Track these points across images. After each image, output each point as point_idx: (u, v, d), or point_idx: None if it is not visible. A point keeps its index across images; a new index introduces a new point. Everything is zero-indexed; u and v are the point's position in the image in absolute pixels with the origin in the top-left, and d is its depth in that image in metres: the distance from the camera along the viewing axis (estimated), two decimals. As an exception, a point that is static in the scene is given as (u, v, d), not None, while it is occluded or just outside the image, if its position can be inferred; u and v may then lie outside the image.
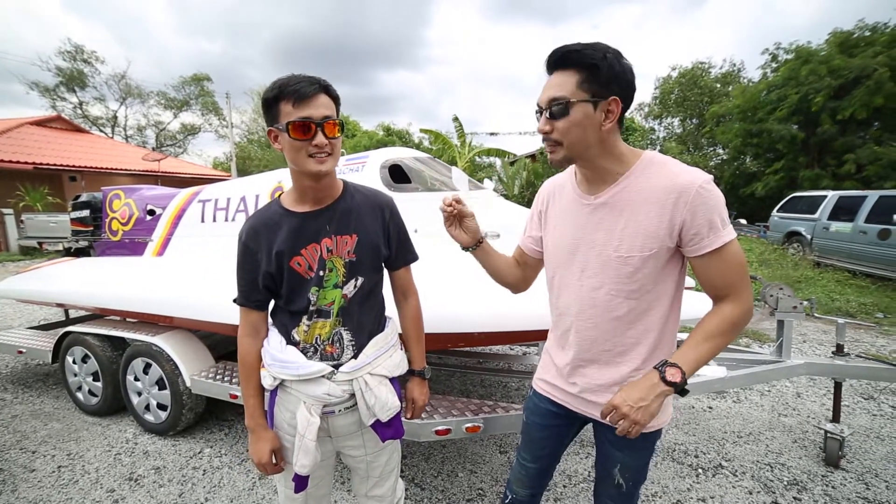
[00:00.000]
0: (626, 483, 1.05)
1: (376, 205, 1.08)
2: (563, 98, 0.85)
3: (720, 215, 0.84)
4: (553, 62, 0.88)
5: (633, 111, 20.39)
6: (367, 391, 1.01)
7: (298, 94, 0.89)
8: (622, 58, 0.86)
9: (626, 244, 0.89)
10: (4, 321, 4.91)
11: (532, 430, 1.17)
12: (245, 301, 1.05)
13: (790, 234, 8.14)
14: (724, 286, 0.88)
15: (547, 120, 0.88)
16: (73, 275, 2.85)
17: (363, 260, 1.03)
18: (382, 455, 1.14)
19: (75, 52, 22.60)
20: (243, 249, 1.02)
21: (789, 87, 11.30)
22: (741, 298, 0.87)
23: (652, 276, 0.90)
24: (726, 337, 0.87)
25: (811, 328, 4.49)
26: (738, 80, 17.19)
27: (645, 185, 0.88)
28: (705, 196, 0.83)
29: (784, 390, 3.02)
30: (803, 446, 2.30)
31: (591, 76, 0.84)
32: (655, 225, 0.86)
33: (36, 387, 3.16)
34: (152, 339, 2.33)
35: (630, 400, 0.84)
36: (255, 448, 1.04)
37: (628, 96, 0.87)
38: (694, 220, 0.84)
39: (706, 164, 15.32)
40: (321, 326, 1.02)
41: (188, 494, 1.95)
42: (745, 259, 0.89)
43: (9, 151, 12.23)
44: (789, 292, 2.15)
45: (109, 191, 3.21)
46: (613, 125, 0.87)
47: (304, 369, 0.99)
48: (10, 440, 2.44)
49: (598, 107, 0.85)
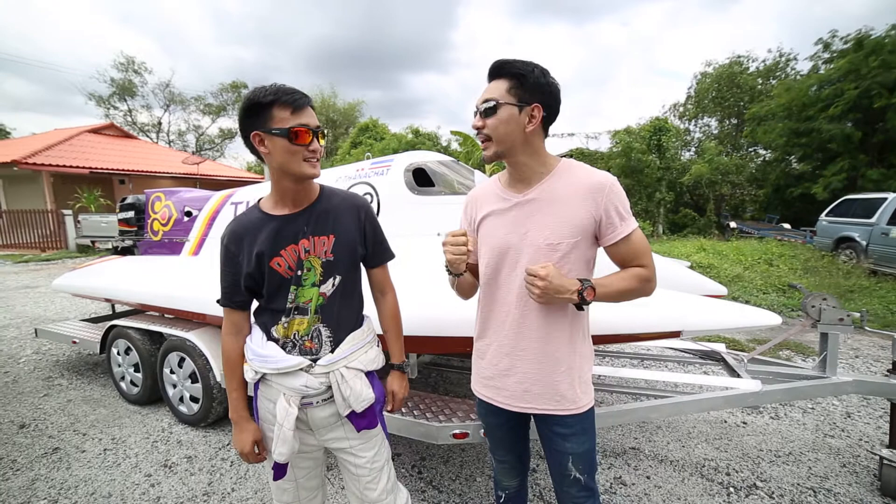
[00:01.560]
0: (582, 476, 1.12)
1: (353, 206, 1.13)
2: (493, 100, 1.01)
3: (626, 208, 1.03)
4: (492, 71, 1.04)
5: (668, 111, 19.61)
6: (342, 383, 1.06)
7: (297, 103, 0.97)
8: (549, 75, 1.03)
9: (556, 233, 1.02)
10: (62, 313, 5.34)
11: (493, 431, 1.26)
12: (228, 302, 1.10)
13: (841, 240, 7.55)
14: (634, 258, 1.05)
15: (480, 118, 1.04)
16: (118, 272, 3.07)
17: (341, 259, 1.08)
18: (367, 449, 1.16)
19: (127, 63, 24.37)
20: (225, 252, 1.07)
21: (846, 81, 10.35)
22: (649, 266, 1.05)
23: (578, 262, 1.05)
24: (635, 286, 1.03)
25: (865, 342, 4.14)
26: (785, 73, 16.04)
27: (568, 182, 1.04)
28: (615, 192, 1.02)
29: (831, 409, 2.80)
30: (853, 472, 2.12)
31: (518, 84, 1.00)
32: (580, 215, 1.02)
33: (87, 374, 3.41)
34: (186, 334, 2.47)
35: (552, 283, 0.96)
36: (238, 438, 1.10)
37: (551, 106, 1.03)
38: (609, 213, 1.01)
39: (746, 166, 14.45)
40: (299, 323, 1.07)
41: (216, 484, 2.04)
42: (648, 246, 1.06)
43: (69, 157, 13.34)
44: (834, 303, 2.00)
45: (152, 193, 3.42)
46: (536, 129, 1.03)
47: (282, 363, 1.04)
48: (65, 422, 2.65)
49: (522, 111, 1.00)
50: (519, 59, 1.01)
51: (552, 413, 1.09)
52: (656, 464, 2.19)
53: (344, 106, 28.96)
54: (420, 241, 2.26)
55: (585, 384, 1.10)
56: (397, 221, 2.35)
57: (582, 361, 1.10)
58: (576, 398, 1.08)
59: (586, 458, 1.12)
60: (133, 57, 24.60)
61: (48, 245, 11.67)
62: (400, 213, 2.38)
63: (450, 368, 2.89)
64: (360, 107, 29.10)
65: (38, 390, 3.12)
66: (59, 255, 10.89)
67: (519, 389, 1.11)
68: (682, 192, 14.38)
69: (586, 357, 1.12)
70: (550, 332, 1.07)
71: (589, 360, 1.13)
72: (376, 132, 20.53)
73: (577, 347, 1.09)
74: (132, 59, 24.55)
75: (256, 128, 0.98)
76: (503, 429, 1.23)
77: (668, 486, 2.02)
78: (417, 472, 2.12)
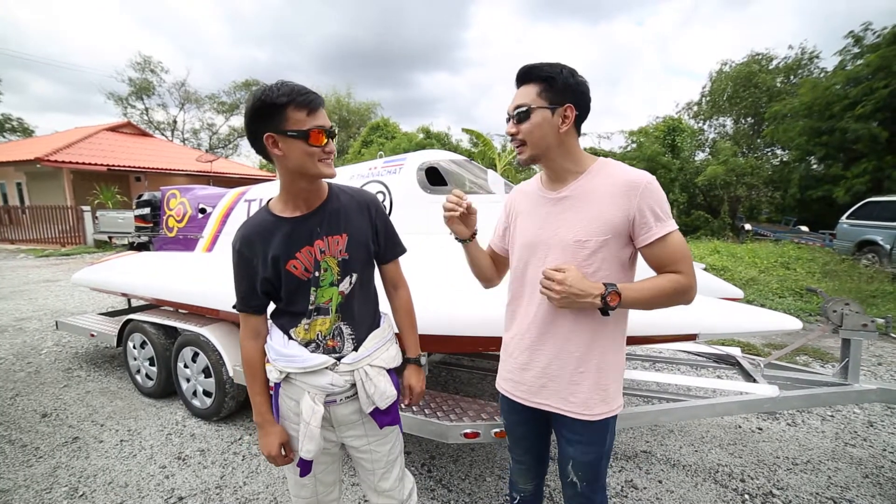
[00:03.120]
0: (579, 482, 1.11)
1: (362, 203, 1.13)
2: (525, 105, 1.02)
3: (663, 209, 0.99)
4: (519, 77, 1.05)
5: (682, 111, 19.28)
6: (367, 381, 1.07)
7: (313, 104, 0.95)
8: (577, 74, 1.03)
9: (585, 230, 1.02)
10: (81, 307, 5.48)
11: (513, 429, 1.25)
12: (245, 307, 1.09)
13: (863, 244, 7.33)
14: (671, 263, 1.00)
15: (514, 124, 1.05)
16: (133, 267, 3.13)
17: (355, 257, 1.09)
18: (384, 444, 1.18)
19: (144, 63, 24.87)
20: (238, 257, 1.06)
21: (877, 79, 9.85)
22: (686, 272, 0.99)
23: (608, 262, 1.02)
24: (667, 294, 0.98)
25: (889, 349, 4.01)
26: (809, 71, 15.55)
27: (602, 181, 1.03)
28: (651, 191, 0.98)
29: (852, 417, 2.72)
30: (877, 483, 2.06)
31: (548, 87, 1.01)
32: (612, 213, 0.99)
33: (104, 367, 3.49)
34: (200, 329, 2.51)
35: (573, 286, 0.94)
36: (264, 442, 1.10)
37: (582, 105, 1.03)
38: (643, 212, 0.98)
39: (763, 167, 14.11)
40: (321, 323, 1.07)
41: (228, 477, 2.07)
42: (687, 250, 1.01)
43: (88, 155, 13.67)
44: (857, 308, 1.94)
45: (167, 190, 3.48)
46: (570, 129, 1.03)
47: (308, 362, 1.05)
48: (84, 412, 2.72)
49: (555, 112, 1.01)
50: (546, 63, 1.02)
51: (562, 413, 1.08)
52: (668, 468, 2.15)
53: (357, 106, 29.13)
54: (432, 239, 2.26)
55: (605, 392, 1.06)
56: (410, 220, 2.36)
57: (606, 368, 1.06)
58: (589, 404, 1.06)
59: (588, 468, 1.10)
60: (150, 57, 25.16)
61: (68, 240, 11.98)
62: (412, 211, 2.38)
63: (460, 367, 2.88)
64: (374, 108, 29.22)
65: (58, 381, 3.20)
66: (78, 251, 11.18)
67: (536, 385, 1.11)
68: (696, 194, 14.11)
69: (612, 365, 1.07)
70: (573, 330, 1.05)
71: (616, 369, 1.08)
72: (387, 131, 20.61)
73: (601, 352, 1.05)
74: (149, 59, 25.10)
75: (270, 129, 0.94)
76: (522, 427, 1.22)
77: (681, 490, 1.98)
78: (427, 470, 2.12)
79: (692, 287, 1.00)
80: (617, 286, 0.96)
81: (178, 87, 26.07)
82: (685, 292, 0.99)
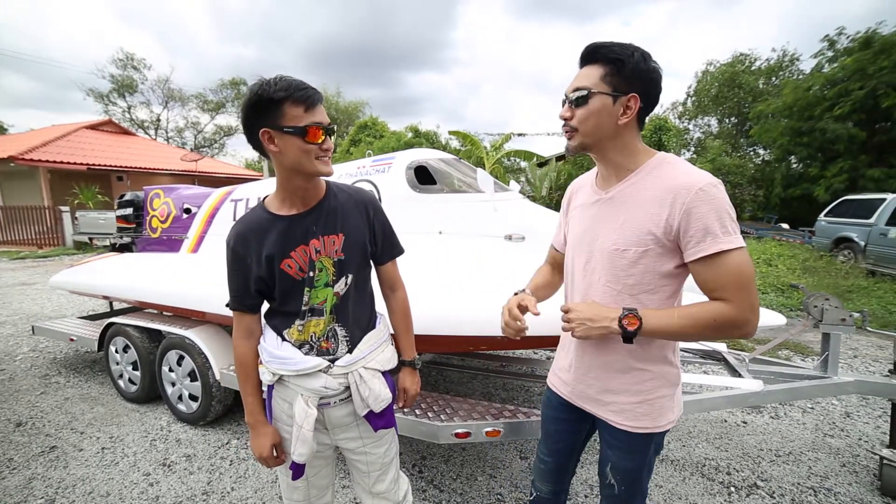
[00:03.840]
0: (617, 485, 1.06)
1: (360, 202, 1.10)
2: (585, 88, 0.90)
3: (720, 220, 0.82)
4: (584, 56, 0.93)
5: (667, 110, 19.61)
6: (361, 384, 1.06)
7: (312, 100, 0.92)
8: (650, 59, 0.89)
9: (624, 238, 0.92)
10: (59, 310, 5.31)
11: (547, 424, 1.20)
12: (238, 305, 1.07)
13: (840, 241, 7.57)
14: (716, 289, 0.85)
15: (569, 107, 0.94)
16: (116, 269, 3.04)
17: (352, 258, 1.06)
18: (379, 446, 1.16)
19: (126, 59, 24.23)
20: (233, 255, 1.03)
21: (852, 81, 10.25)
22: (736, 303, 0.83)
23: (649, 274, 0.92)
24: (700, 327, 0.85)
25: (864, 343, 4.15)
26: (789, 73, 16.01)
27: (651, 183, 0.91)
28: (703, 198, 0.83)
29: (831, 409, 2.80)
30: (853, 471, 2.13)
31: (614, 71, 0.88)
32: (653, 222, 0.88)
33: (85, 372, 3.39)
34: (185, 332, 2.45)
35: (582, 314, 0.91)
36: (256, 443, 1.08)
37: (651, 96, 0.91)
38: (689, 223, 0.84)
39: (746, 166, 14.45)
40: (315, 324, 1.05)
41: (216, 483, 2.03)
42: (751, 273, 0.83)
43: (67, 153, 13.25)
44: (836, 303, 1.99)
45: (150, 190, 3.40)
46: (631, 121, 0.91)
47: (301, 364, 1.02)
48: (63, 420, 2.63)
49: (617, 101, 0.89)
50: (616, 42, 0.89)
51: (602, 418, 1.04)
52: (657, 463, 2.19)
53: (346, 105, 28.87)
54: (422, 238, 2.25)
55: (650, 406, 0.97)
56: (399, 219, 2.32)
57: (652, 381, 0.98)
58: (629, 415, 0.99)
59: (627, 474, 1.05)
60: (133, 53, 24.50)
61: (45, 242, 11.60)
62: (401, 210, 2.36)
63: (450, 367, 2.88)
64: (363, 107, 29.03)
65: (34, 388, 3.09)
66: (56, 252, 10.83)
67: (578, 388, 1.07)
68: (681, 192, 14.35)
69: (660, 378, 0.98)
70: (608, 341, 0.98)
71: (665, 383, 0.98)
72: (375, 130, 20.48)
73: (645, 364, 0.97)
74: (132, 55, 24.44)
75: (266, 125, 0.92)
76: (556, 424, 1.17)
77: (670, 485, 2.01)
78: (418, 471, 2.12)
79: (743, 321, 0.83)
80: (637, 311, 0.87)
81: (162, 84, 25.48)
82: (732, 326, 0.83)
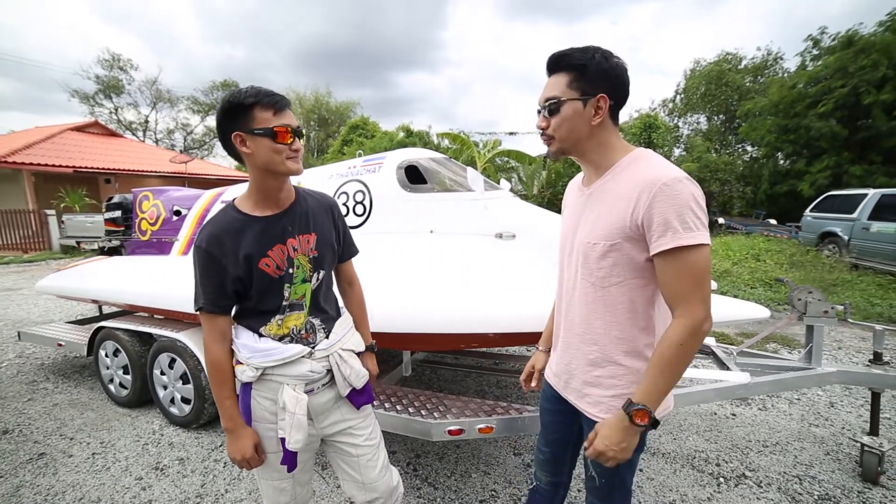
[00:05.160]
0: (598, 477, 1.06)
1: (326, 206, 1.20)
2: (555, 97, 0.94)
3: (680, 216, 0.82)
4: (549, 66, 0.97)
5: (657, 107, 19.81)
6: (342, 364, 1.13)
7: (279, 104, 1.00)
8: (611, 57, 0.93)
9: (595, 233, 0.95)
10: (47, 315, 5.22)
11: (543, 415, 1.24)
12: (212, 307, 1.06)
13: (825, 235, 7.73)
14: (671, 295, 0.87)
15: (544, 117, 0.98)
16: (105, 273, 3.01)
17: (323, 255, 1.15)
18: (365, 427, 1.21)
19: (113, 59, 23.81)
20: (206, 256, 1.04)
21: (835, 79, 10.48)
22: (687, 313, 0.84)
23: (619, 267, 0.93)
24: (680, 361, 0.85)
25: (847, 334, 4.25)
26: (773, 71, 16.32)
27: (624, 178, 0.93)
28: (666, 193, 0.83)
29: (815, 399, 2.87)
30: (837, 459, 2.19)
31: (579, 76, 0.92)
32: (621, 217, 0.90)
33: (74, 378, 3.34)
34: (177, 335, 2.43)
35: (613, 444, 0.90)
36: (237, 446, 1.07)
37: (619, 92, 0.94)
38: (651, 217, 0.85)
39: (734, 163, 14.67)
40: (296, 318, 1.11)
41: (209, 485, 2.02)
42: (707, 272, 0.83)
43: (52, 156, 13.00)
44: (820, 296, 2.05)
45: (139, 192, 3.36)
46: (604, 120, 0.94)
47: (287, 352, 1.07)
48: (51, 426, 2.60)
49: (587, 104, 0.92)
50: (576, 48, 0.93)
51: (582, 411, 1.05)
52: (648, 456, 2.22)
53: (337, 105, 28.72)
54: (412, 238, 2.26)
55: (623, 401, 0.96)
56: (390, 219, 2.35)
57: (627, 375, 0.98)
58: (602, 407, 1.00)
59: (607, 469, 1.03)
60: (119, 54, 24.07)
61: (30, 246, 11.38)
62: (392, 210, 2.37)
63: (443, 365, 2.89)
64: (354, 107, 28.91)
65: (21, 395, 3.04)
66: (42, 257, 10.63)
67: (563, 379, 1.10)
68: (672, 190, 14.54)
69: (635, 373, 0.97)
70: (587, 332, 1.01)
71: (639, 378, 0.96)
72: (367, 130, 20.42)
73: (620, 358, 0.98)
74: (118, 55, 24.02)
75: (238, 129, 0.99)
76: (550, 416, 1.20)
77: (661, 477, 2.05)
78: (413, 469, 2.13)
79: (701, 318, 0.82)
80: (632, 400, 0.88)
81: (150, 85, 25.07)
82: (696, 332, 0.82)
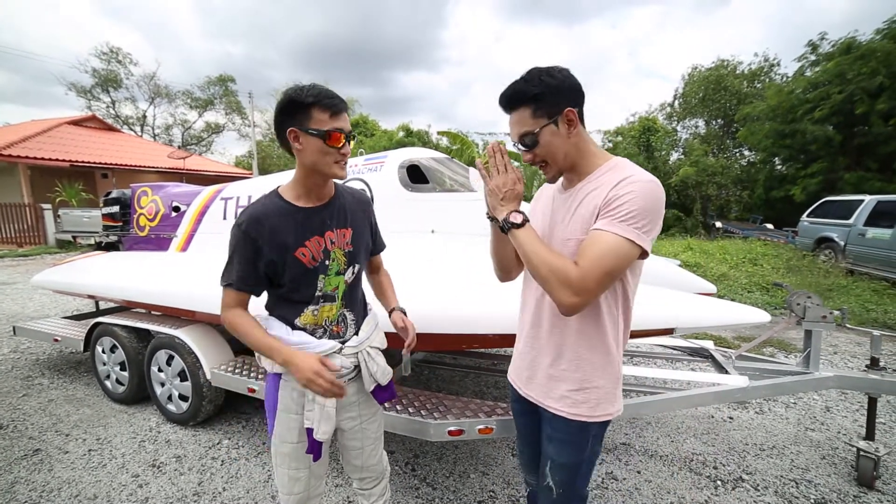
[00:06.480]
0: (555, 487, 1.06)
1: (362, 203, 1.25)
2: (528, 131, 0.97)
3: (627, 211, 0.88)
4: (505, 106, 1.00)
5: (655, 111, 19.88)
6: (370, 361, 1.18)
7: (337, 108, 1.02)
8: (555, 72, 0.96)
9: (570, 228, 1.00)
10: (42, 310, 5.18)
11: (515, 417, 1.28)
12: (241, 285, 1.06)
13: (821, 241, 7.77)
14: (580, 254, 0.92)
15: (527, 152, 1.01)
16: (102, 268, 2.98)
17: (358, 250, 1.19)
18: (374, 422, 1.29)
19: (111, 53, 23.64)
20: (243, 236, 1.04)
21: (832, 85, 10.58)
22: (580, 269, 0.88)
23: None
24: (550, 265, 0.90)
25: (843, 339, 4.28)
26: (770, 77, 16.44)
27: (604, 181, 0.97)
28: (626, 185, 0.90)
29: (812, 404, 2.89)
30: (832, 463, 2.20)
31: (539, 104, 0.95)
32: (589, 211, 0.96)
33: (69, 373, 3.32)
34: (175, 331, 2.42)
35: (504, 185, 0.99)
36: (304, 365, 0.98)
37: (577, 99, 0.98)
38: (607, 202, 0.91)
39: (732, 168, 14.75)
40: (328, 310, 1.15)
41: (207, 483, 2.01)
42: (613, 261, 0.88)
43: (48, 150, 12.90)
44: (818, 301, 2.06)
45: (138, 188, 3.34)
46: (578, 128, 0.99)
47: (319, 347, 1.11)
48: (46, 422, 2.58)
49: (559, 122, 0.96)
50: (521, 81, 0.96)
51: (543, 406, 1.07)
52: (647, 459, 2.23)
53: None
54: (414, 237, 2.25)
55: (587, 394, 1.02)
56: (391, 218, 2.34)
57: (590, 369, 1.02)
58: (567, 401, 1.03)
59: (565, 472, 1.06)
60: (118, 48, 23.90)
61: (25, 240, 11.29)
62: (394, 209, 2.37)
63: (442, 366, 2.89)
64: (353, 105, 28.89)
65: (16, 390, 3.02)
66: (37, 251, 10.55)
67: (525, 375, 1.13)
68: (669, 193, 14.65)
69: (598, 367, 1.02)
70: (555, 325, 1.04)
71: (604, 373, 1.02)
72: (366, 128, 20.39)
73: (583, 351, 1.01)
74: (116, 49, 23.85)
75: (293, 124, 1.02)
76: (520, 418, 1.24)
77: (658, 480, 2.06)
78: (411, 469, 2.12)
79: (573, 286, 0.87)
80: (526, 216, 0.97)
81: (148, 79, 24.91)
82: (563, 284, 0.88)
